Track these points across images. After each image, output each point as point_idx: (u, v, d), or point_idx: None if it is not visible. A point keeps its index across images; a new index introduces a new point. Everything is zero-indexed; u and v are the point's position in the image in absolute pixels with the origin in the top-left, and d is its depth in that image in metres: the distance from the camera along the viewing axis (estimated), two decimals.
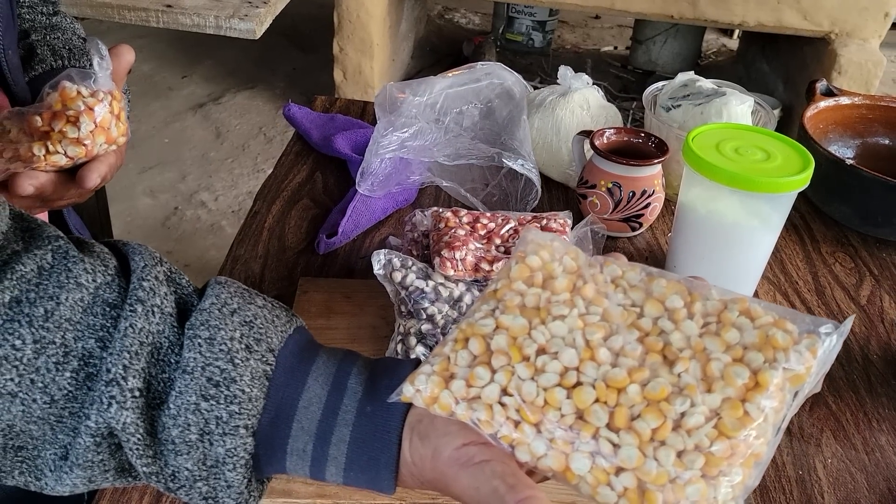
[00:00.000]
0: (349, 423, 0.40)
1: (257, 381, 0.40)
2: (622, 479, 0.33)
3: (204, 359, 0.39)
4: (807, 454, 0.66)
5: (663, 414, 0.33)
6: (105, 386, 0.37)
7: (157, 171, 2.42)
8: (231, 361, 0.39)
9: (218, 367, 0.39)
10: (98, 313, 0.38)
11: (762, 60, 2.99)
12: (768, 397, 0.33)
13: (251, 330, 0.41)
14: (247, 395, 0.39)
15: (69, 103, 0.57)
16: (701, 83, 0.97)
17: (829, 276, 0.89)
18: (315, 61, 3.13)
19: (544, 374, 0.36)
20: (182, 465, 0.39)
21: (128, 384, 0.37)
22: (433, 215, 0.73)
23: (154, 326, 0.39)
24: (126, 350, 0.38)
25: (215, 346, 0.39)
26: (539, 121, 0.99)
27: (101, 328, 0.38)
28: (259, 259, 0.82)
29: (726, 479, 0.33)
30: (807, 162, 0.76)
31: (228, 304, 0.41)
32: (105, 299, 0.39)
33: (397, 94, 0.96)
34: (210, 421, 0.38)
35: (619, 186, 0.87)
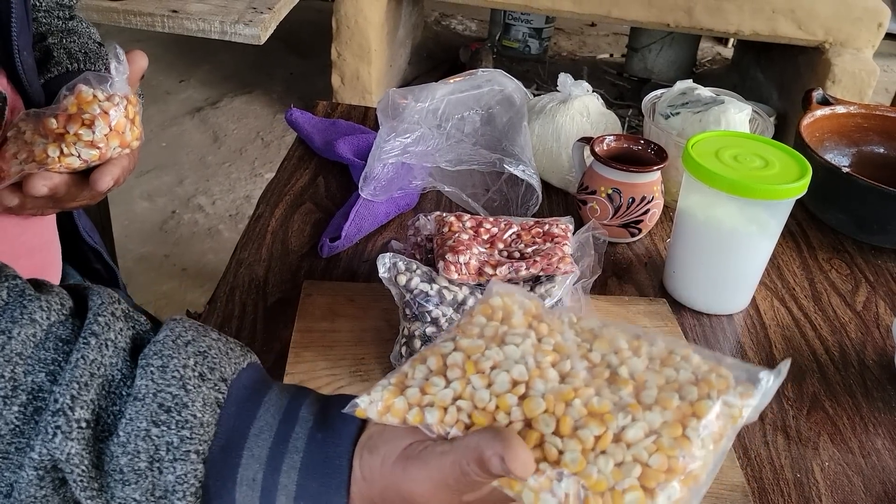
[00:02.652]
0: (300, 450, 0.39)
1: (209, 408, 0.39)
2: (564, 484, 0.35)
3: (156, 385, 0.38)
4: (804, 457, 0.67)
5: (605, 424, 0.35)
6: (51, 416, 0.36)
7: (155, 175, 2.42)
8: (183, 387, 0.39)
9: (170, 392, 0.38)
10: (50, 348, 0.38)
11: (756, 69, 3.02)
12: (706, 425, 0.35)
13: (205, 359, 0.40)
14: (198, 419, 0.38)
15: (85, 106, 0.58)
16: (699, 91, 0.99)
17: (826, 282, 0.90)
18: (313, 66, 3.14)
19: (496, 384, 0.38)
20: (129, 497, 0.38)
21: (74, 414, 0.37)
22: (436, 219, 0.74)
23: (107, 359, 0.39)
24: (76, 381, 0.37)
25: (167, 373, 0.39)
26: (539, 127, 1.00)
27: (52, 362, 0.38)
28: (263, 262, 0.83)
29: (664, 494, 0.34)
30: (804, 170, 0.77)
31: (182, 336, 0.41)
32: (58, 335, 0.39)
33: (399, 99, 0.97)
34: (160, 447, 0.38)
35: (619, 192, 0.88)
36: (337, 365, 0.68)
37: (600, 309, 0.78)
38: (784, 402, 0.72)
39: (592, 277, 0.71)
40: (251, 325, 0.74)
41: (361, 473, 0.39)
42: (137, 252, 2.07)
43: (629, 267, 0.90)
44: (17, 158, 0.58)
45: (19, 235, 0.68)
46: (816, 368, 0.77)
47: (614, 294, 0.84)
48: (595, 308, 0.77)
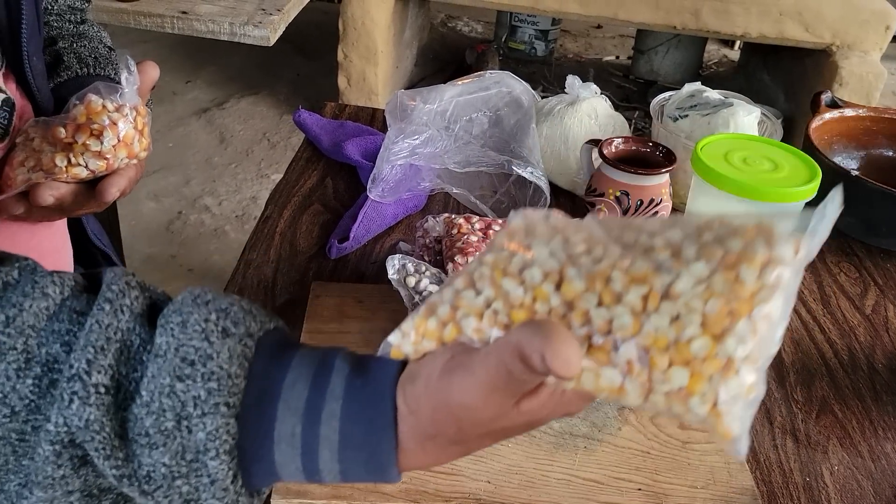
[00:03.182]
0: (338, 397, 0.36)
1: (236, 360, 0.36)
2: (622, 351, 0.32)
3: (177, 340, 0.35)
4: (814, 461, 0.67)
5: (650, 283, 0.32)
6: (67, 382, 0.34)
7: (161, 176, 2.43)
8: (206, 339, 0.36)
9: (192, 346, 0.35)
10: (64, 319, 0.36)
11: (763, 71, 3.01)
12: (759, 267, 0.31)
13: (227, 316, 0.37)
14: (225, 370, 0.35)
15: (94, 117, 0.58)
16: (708, 94, 0.99)
17: (835, 285, 0.90)
18: (319, 68, 3.15)
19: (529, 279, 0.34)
20: (158, 462, 0.35)
21: (91, 379, 0.34)
22: (445, 221, 0.74)
23: (123, 324, 0.36)
24: (91, 345, 0.35)
25: (188, 328, 0.36)
26: (547, 129, 1.00)
27: (66, 333, 0.36)
28: (271, 263, 0.83)
29: (733, 337, 0.30)
30: (814, 173, 0.77)
31: (202, 297, 0.38)
32: (72, 307, 0.37)
33: (408, 101, 0.97)
34: (187, 403, 0.35)
35: (628, 195, 0.88)
36: None
37: None
38: (793, 405, 0.72)
39: None
40: None
41: (407, 408, 0.36)
42: (144, 252, 2.08)
43: None
44: (24, 166, 0.58)
45: (30, 240, 0.68)
46: (825, 372, 0.77)
47: None
48: None
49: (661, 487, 0.61)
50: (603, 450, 0.63)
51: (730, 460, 0.64)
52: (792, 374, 0.76)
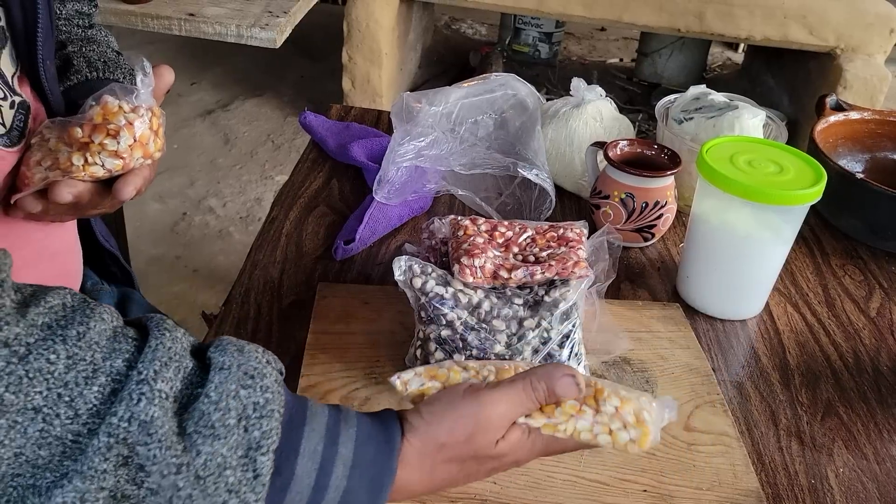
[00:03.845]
0: (354, 424, 0.46)
1: (277, 386, 0.45)
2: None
3: (237, 360, 0.44)
4: (819, 463, 0.67)
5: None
6: (136, 385, 0.40)
7: (166, 177, 2.44)
8: (260, 362, 0.45)
9: (251, 365, 0.44)
10: (122, 340, 0.42)
11: (767, 74, 3.01)
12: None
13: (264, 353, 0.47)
14: (275, 389, 0.44)
15: (111, 117, 0.58)
16: (713, 96, 0.99)
17: (839, 288, 0.90)
18: (323, 70, 3.16)
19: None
20: (217, 451, 0.40)
21: (157, 385, 0.40)
22: (451, 223, 0.74)
23: (179, 349, 0.43)
24: (157, 359, 0.41)
25: (245, 353, 0.45)
26: (553, 131, 1.00)
27: (127, 352, 0.41)
28: (277, 265, 0.84)
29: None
30: (819, 175, 0.77)
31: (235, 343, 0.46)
32: (125, 333, 0.43)
33: (413, 103, 0.97)
34: (248, 406, 0.42)
35: (633, 197, 0.88)
36: (352, 367, 0.69)
37: (614, 313, 0.78)
38: (798, 407, 0.72)
39: (607, 282, 0.71)
40: (266, 327, 0.75)
41: (424, 419, 0.47)
42: (149, 253, 2.08)
43: (642, 271, 0.90)
44: (41, 165, 0.59)
45: (42, 240, 0.68)
46: (830, 374, 0.77)
47: (627, 298, 0.84)
48: (609, 312, 0.77)
49: (667, 489, 0.61)
50: (608, 451, 0.63)
51: (735, 462, 0.64)
52: (797, 376, 0.76)
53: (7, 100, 0.61)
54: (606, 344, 0.71)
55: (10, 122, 0.61)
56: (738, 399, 0.73)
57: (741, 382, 0.75)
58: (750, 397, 0.73)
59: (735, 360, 0.78)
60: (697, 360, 0.75)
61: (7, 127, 0.61)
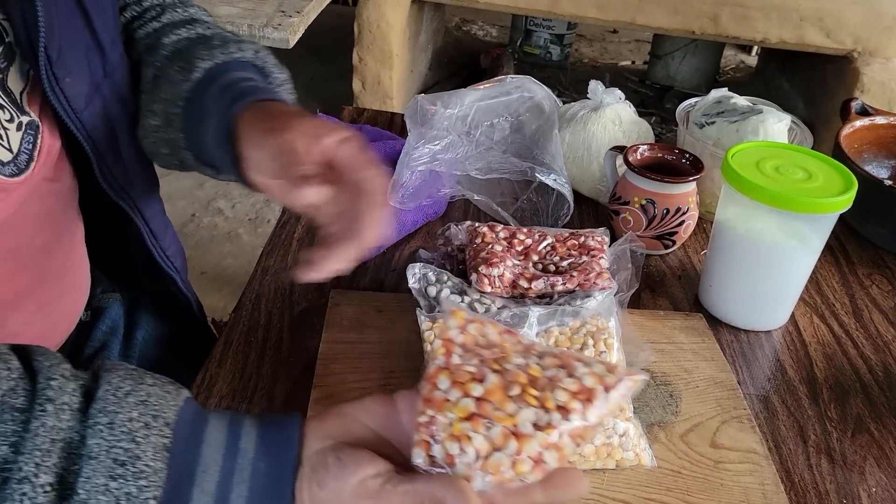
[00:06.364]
0: (245, 481, 0.43)
1: (159, 455, 0.42)
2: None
3: (107, 443, 0.41)
4: (850, 482, 0.64)
5: None
6: (17, 484, 0.38)
7: (175, 178, 2.42)
8: (133, 440, 0.41)
9: (122, 447, 0.41)
10: (7, 420, 0.40)
11: (782, 78, 2.98)
12: None
13: (147, 408, 0.43)
14: (152, 468, 0.41)
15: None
16: (735, 100, 0.96)
17: (867, 298, 0.87)
18: (334, 71, 3.14)
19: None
20: None
21: (39, 480, 0.39)
22: (469, 230, 0.72)
23: (65, 423, 0.41)
24: (37, 449, 0.39)
25: (115, 428, 0.41)
26: (570, 135, 0.98)
27: (12, 434, 0.40)
28: (289, 270, 0.81)
29: None
30: (849, 183, 0.75)
31: (121, 388, 0.43)
32: (12, 405, 0.41)
33: (428, 106, 0.95)
34: (121, 498, 0.40)
35: (653, 203, 0.86)
36: (366, 378, 0.66)
37: (636, 323, 0.76)
38: (827, 423, 0.70)
39: (629, 292, 0.69)
40: (277, 335, 0.73)
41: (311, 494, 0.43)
42: None
43: (662, 280, 0.87)
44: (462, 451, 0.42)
45: (45, 261, 0.66)
46: (860, 388, 0.74)
47: (647, 307, 0.82)
48: (631, 322, 0.75)
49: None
50: (632, 469, 0.61)
51: (765, 481, 0.61)
52: (825, 390, 0.74)
53: (14, 121, 0.57)
54: (629, 356, 0.69)
55: (18, 146, 0.58)
56: (764, 414, 0.70)
57: (767, 396, 0.72)
58: (777, 412, 0.70)
59: (760, 373, 0.75)
60: (722, 372, 0.72)
61: (14, 152, 0.57)
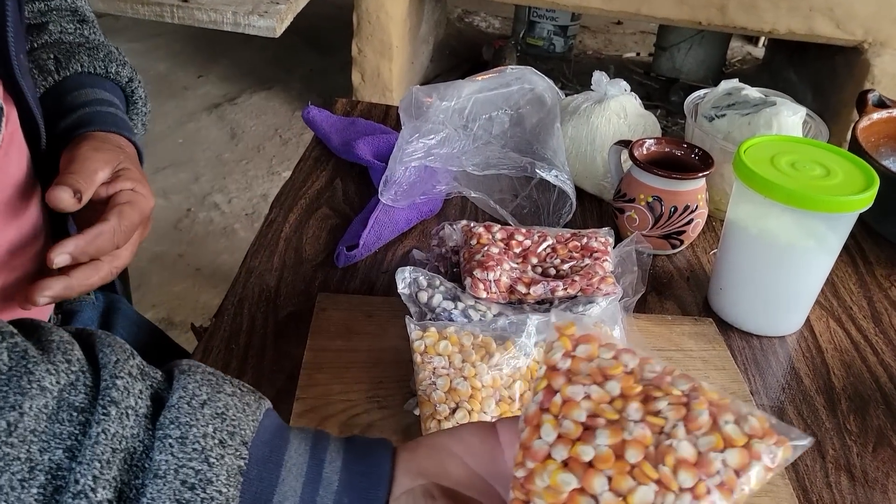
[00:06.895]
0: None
1: (233, 479, 0.37)
2: None
3: (177, 460, 0.36)
4: (872, 501, 0.60)
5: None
6: (72, 498, 0.34)
7: (171, 172, 2.38)
8: (206, 461, 0.36)
9: (192, 468, 0.36)
10: (65, 420, 0.35)
11: (789, 69, 2.92)
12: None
13: (224, 423, 0.38)
14: (224, 496, 0.36)
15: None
16: (747, 91, 0.92)
17: (886, 301, 0.83)
18: (333, 63, 3.09)
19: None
20: None
21: (97, 496, 0.34)
22: (464, 230, 0.67)
23: (128, 430, 0.36)
24: (97, 458, 0.35)
25: (188, 445, 0.37)
26: (573, 129, 0.93)
27: (68, 436, 0.35)
28: (275, 272, 0.77)
29: None
30: (870, 180, 0.70)
31: (197, 396, 0.38)
32: (71, 403, 0.36)
33: (423, 98, 0.91)
34: None
35: (660, 201, 0.81)
36: (353, 389, 0.62)
37: (642, 329, 0.71)
38: (847, 437, 0.65)
39: (635, 296, 0.64)
40: (260, 342, 0.68)
41: None
42: (151, 251, 2.03)
43: (669, 281, 0.83)
44: None
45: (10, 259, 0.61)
46: (881, 398, 0.70)
47: (654, 311, 0.77)
48: (636, 328, 0.70)
49: None
50: None
51: (781, 501, 0.57)
52: (844, 400, 0.69)
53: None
54: None
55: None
56: None
57: (782, 407, 0.68)
58: (793, 425, 0.66)
59: (774, 382, 0.71)
60: (735, 382, 0.68)
61: None
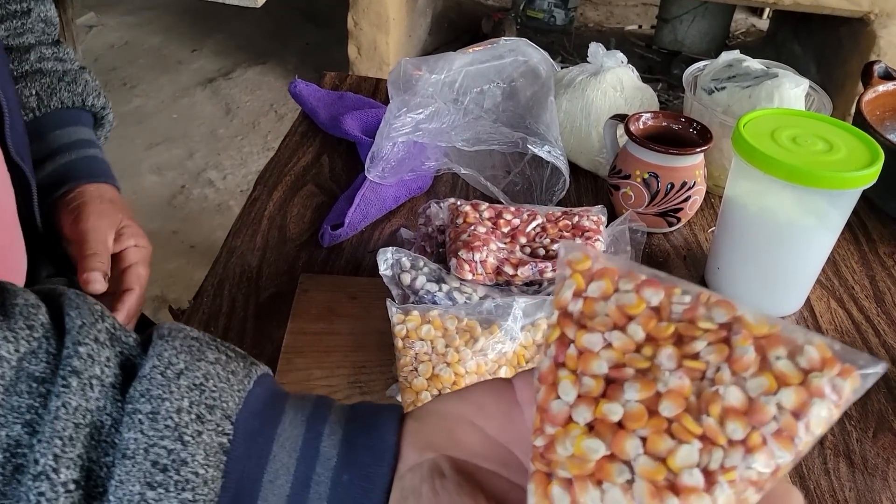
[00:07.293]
0: (323, 497, 0.33)
1: (212, 458, 0.32)
2: None
3: (147, 439, 0.32)
4: (872, 489, 0.58)
5: None
6: (33, 481, 0.31)
7: (164, 148, 2.35)
8: (180, 439, 0.32)
9: (164, 447, 0.32)
10: (23, 391, 0.32)
11: (794, 41, 2.87)
12: None
13: (202, 395, 0.33)
14: (201, 477, 0.32)
15: None
16: (748, 63, 0.88)
17: (889, 280, 0.80)
18: (329, 36, 3.04)
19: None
20: None
21: (60, 477, 0.31)
22: (450, 208, 0.65)
23: (93, 403, 0.32)
24: (57, 436, 0.31)
25: (159, 421, 0.32)
26: (567, 103, 0.90)
27: (27, 410, 0.32)
28: (257, 252, 0.75)
29: None
30: (875, 155, 0.67)
31: (173, 365, 0.34)
32: (31, 373, 0.32)
33: (413, 70, 0.87)
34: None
35: (657, 177, 0.79)
36: (334, 374, 0.60)
37: None
38: (846, 422, 0.63)
39: None
40: (240, 324, 0.66)
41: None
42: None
43: (666, 260, 0.80)
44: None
45: None
46: (882, 382, 0.67)
47: None
48: None
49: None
50: None
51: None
52: None
53: None
54: None
55: None
56: None
57: None
58: None
59: None
60: None
61: None
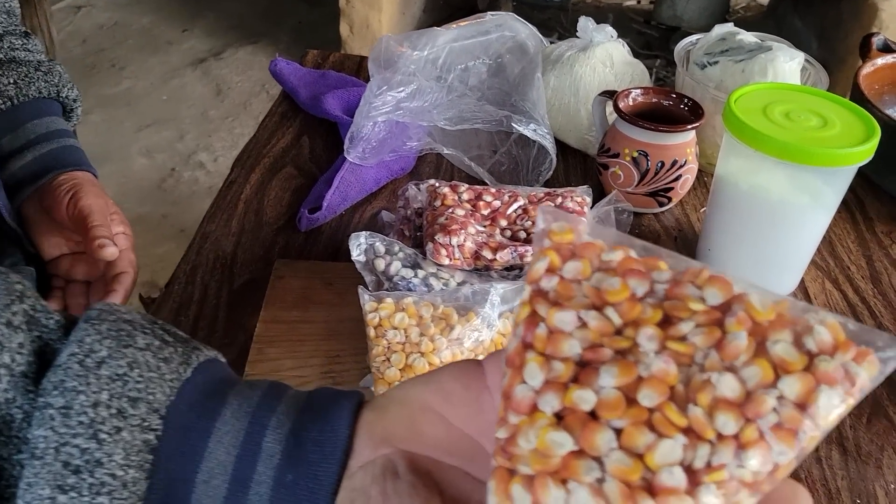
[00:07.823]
0: (265, 499, 0.29)
1: (134, 458, 0.29)
2: None
3: (58, 437, 0.28)
4: (865, 478, 0.56)
5: None
6: None
7: (154, 130, 2.32)
8: (95, 437, 0.28)
9: (77, 446, 0.28)
10: None
11: (794, 16, 2.82)
12: None
13: (125, 386, 0.29)
14: (120, 479, 0.28)
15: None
16: (742, 37, 0.85)
17: (886, 260, 0.78)
18: (322, 15, 2.99)
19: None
20: None
21: None
22: (428, 190, 0.62)
23: (0, 395, 0.29)
24: None
25: (72, 417, 0.29)
26: (555, 79, 0.87)
27: None
28: (232, 237, 0.72)
29: None
30: (871, 130, 0.65)
31: (95, 353, 0.30)
32: None
33: (396, 47, 0.85)
34: None
35: (646, 156, 0.76)
36: (306, 364, 0.58)
37: None
38: None
39: None
40: (212, 313, 0.64)
41: None
42: (134, 212, 1.98)
43: (656, 242, 0.78)
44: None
45: None
46: None
47: None
48: None
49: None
50: None
51: None
52: None
53: None
54: None
55: None
56: None
57: None
58: None
59: None
60: None
61: None
